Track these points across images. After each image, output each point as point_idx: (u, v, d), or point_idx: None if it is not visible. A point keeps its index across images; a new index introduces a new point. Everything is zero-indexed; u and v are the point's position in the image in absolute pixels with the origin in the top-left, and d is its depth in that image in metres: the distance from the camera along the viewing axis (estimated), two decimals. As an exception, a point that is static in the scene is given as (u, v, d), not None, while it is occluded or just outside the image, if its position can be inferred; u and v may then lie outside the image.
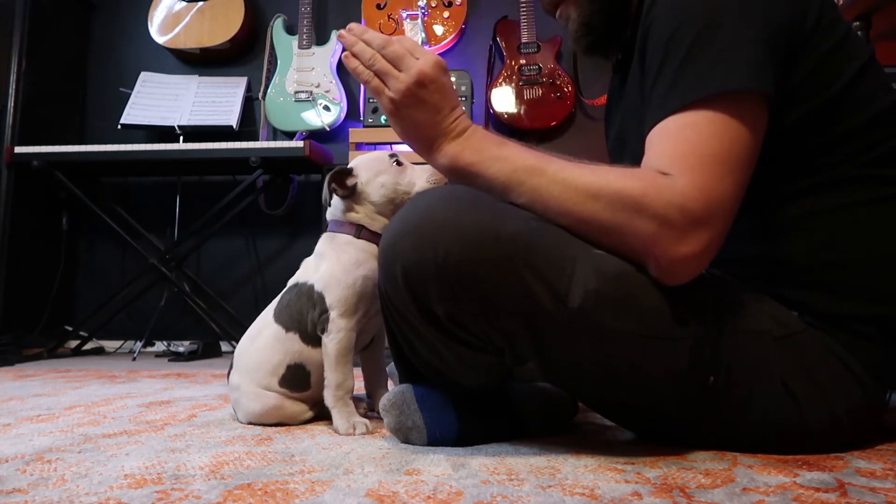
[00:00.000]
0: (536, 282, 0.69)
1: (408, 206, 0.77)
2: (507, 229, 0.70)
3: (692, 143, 0.69)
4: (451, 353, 0.78)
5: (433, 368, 0.83)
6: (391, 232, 0.76)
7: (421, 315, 0.75)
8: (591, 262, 0.70)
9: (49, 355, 2.29)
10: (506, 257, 0.69)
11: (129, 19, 2.83)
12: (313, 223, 2.52)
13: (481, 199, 0.73)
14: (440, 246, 0.70)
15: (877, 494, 0.59)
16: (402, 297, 0.75)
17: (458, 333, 0.75)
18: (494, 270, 0.70)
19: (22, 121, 2.38)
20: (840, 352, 0.74)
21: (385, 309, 0.83)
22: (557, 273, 0.69)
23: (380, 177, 0.96)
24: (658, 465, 0.70)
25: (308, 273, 0.97)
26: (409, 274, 0.73)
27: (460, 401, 0.83)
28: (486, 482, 0.64)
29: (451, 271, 0.70)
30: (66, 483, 0.65)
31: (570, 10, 0.90)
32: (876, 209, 0.75)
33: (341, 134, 2.56)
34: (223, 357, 2.34)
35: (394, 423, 0.82)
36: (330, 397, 0.92)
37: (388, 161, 0.97)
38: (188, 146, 2.30)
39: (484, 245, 0.70)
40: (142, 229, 2.43)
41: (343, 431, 0.90)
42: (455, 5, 2.56)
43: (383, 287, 0.80)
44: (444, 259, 0.70)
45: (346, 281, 0.92)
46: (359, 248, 0.95)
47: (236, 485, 0.64)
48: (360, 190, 0.96)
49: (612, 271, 0.70)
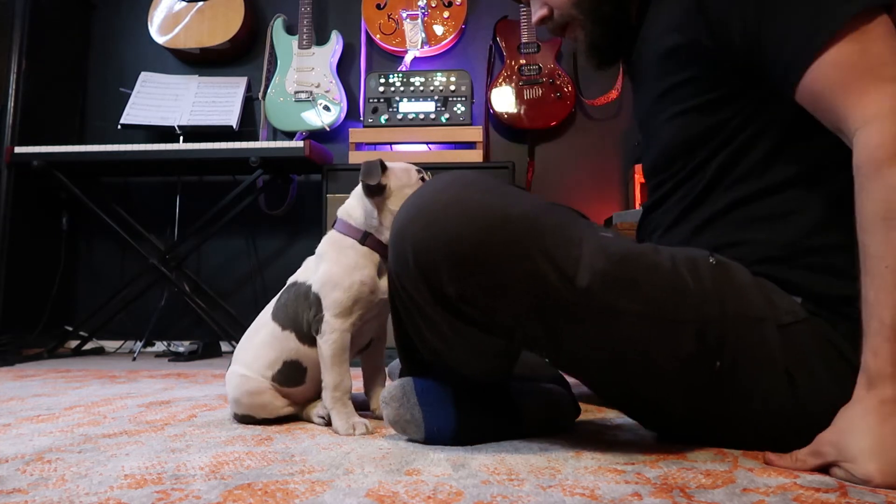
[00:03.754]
0: (545, 261, 0.70)
1: (416, 192, 0.79)
2: (515, 210, 0.72)
3: (876, 55, 0.66)
4: (458, 337, 0.79)
5: (440, 356, 0.83)
6: (401, 216, 0.77)
7: (432, 296, 0.75)
8: (598, 242, 0.72)
9: (49, 355, 2.29)
10: (514, 237, 0.70)
11: (129, 19, 2.83)
12: (313, 223, 2.51)
13: (488, 183, 0.76)
14: (450, 226, 0.71)
15: (877, 495, 0.59)
16: (413, 279, 0.76)
17: (469, 313, 0.75)
18: (504, 250, 0.71)
19: (22, 121, 2.38)
20: (839, 342, 0.74)
21: (394, 295, 0.83)
22: (565, 254, 0.70)
23: (405, 189, 0.95)
24: (658, 465, 0.70)
25: (307, 273, 0.98)
26: (419, 255, 0.74)
27: (461, 397, 0.83)
28: (486, 482, 0.64)
29: (461, 251, 0.71)
30: (66, 483, 0.65)
31: (578, 33, 0.94)
32: None
33: (341, 134, 2.56)
34: (223, 357, 2.33)
35: (392, 415, 0.83)
36: (328, 398, 0.92)
37: (416, 176, 0.98)
38: (188, 146, 2.30)
39: (493, 225, 0.71)
40: (142, 229, 2.42)
41: (343, 432, 0.90)
42: (455, 5, 2.56)
43: (394, 271, 0.80)
44: (454, 239, 0.71)
45: (342, 284, 0.92)
46: (360, 253, 0.95)
47: (236, 485, 0.64)
48: (386, 194, 0.95)
49: (618, 252, 0.72)
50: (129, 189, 2.76)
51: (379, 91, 2.33)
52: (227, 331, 2.32)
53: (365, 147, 2.30)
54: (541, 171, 2.55)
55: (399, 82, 2.33)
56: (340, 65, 2.64)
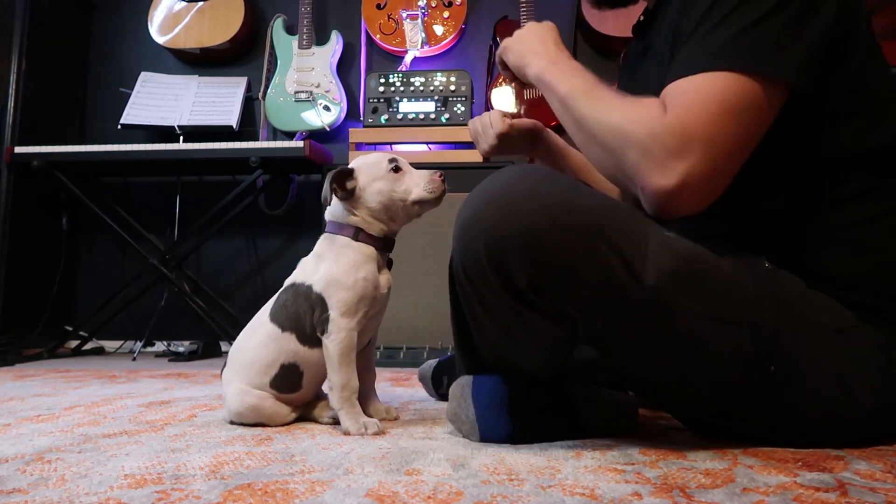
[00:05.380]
0: (613, 256, 0.72)
1: (487, 181, 0.80)
2: (585, 203, 0.74)
3: (701, 92, 0.72)
4: (521, 326, 0.79)
5: (498, 352, 0.83)
6: (472, 205, 0.78)
7: (502, 286, 0.76)
8: (663, 241, 0.74)
9: (49, 355, 2.29)
10: (584, 229, 0.72)
11: (129, 19, 2.83)
12: (313, 223, 2.51)
13: (555, 175, 0.78)
14: (523, 215, 0.73)
15: (877, 494, 0.59)
16: (482, 267, 0.76)
17: (537, 301, 0.76)
18: (575, 241, 0.72)
19: (22, 121, 2.38)
20: (886, 345, 0.76)
21: (457, 286, 0.84)
22: (632, 250, 0.72)
23: (376, 183, 0.95)
24: (658, 465, 0.70)
25: (306, 274, 0.97)
26: (491, 243, 0.75)
27: (517, 397, 0.83)
28: (486, 482, 0.64)
29: (533, 240, 0.72)
30: (66, 483, 0.65)
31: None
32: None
33: (341, 134, 2.56)
34: (223, 357, 2.32)
35: (451, 412, 0.86)
36: (336, 399, 0.92)
37: (385, 167, 0.95)
38: (188, 146, 2.30)
39: (564, 216, 0.72)
40: (142, 229, 2.42)
41: (354, 431, 0.89)
42: (455, 5, 2.56)
43: (460, 261, 0.80)
44: (527, 228, 0.72)
45: (346, 282, 0.92)
46: (357, 250, 0.95)
47: (236, 485, 0.64)
48: (357, 194, 0.96)
49: (683, 251, 0.74)
50: (129, 189, 2.76)
51: (379, 91, 2.33)
52: (227, 331, 2.32)
53: (365, 147, 2.30)
54: (541, 171, 2.54)
55: (399, 82, 2.33)
56: (340, 65, 2.64)
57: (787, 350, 0.74)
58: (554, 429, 0.85)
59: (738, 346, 0.73)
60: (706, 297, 0.73)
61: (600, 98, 0.80)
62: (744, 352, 0.73)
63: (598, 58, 2.58)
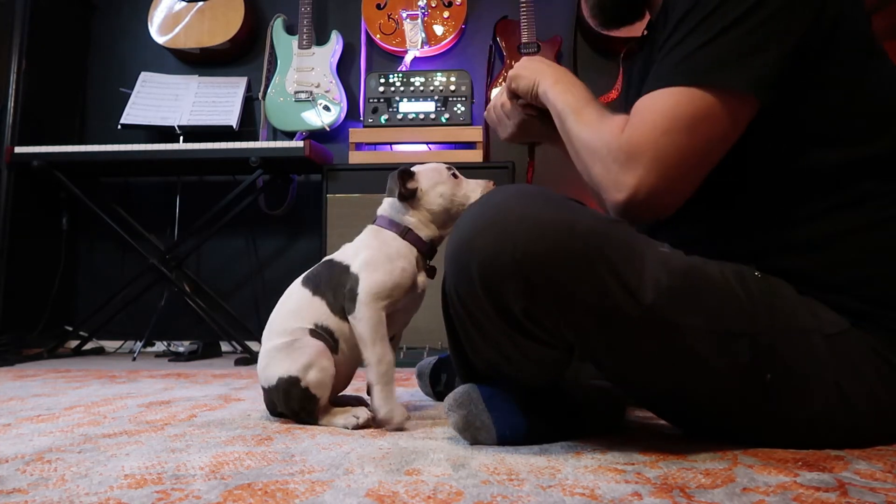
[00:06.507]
0: (610, 277, 0.71)
1: (479, 204, 0.79)
2: (581, 224, 0.72)
3: (654, 109, 0.75)
4: (517, 351, 0.79)
5: (494, 367, 0.83)
6: (465, 228, 0.77)
7: (496, 311, 0.75)
8: (658, 258, 0.73)
9: (49, 355, 2.29)
10: (581, 251, 0.71)
11: (129, 19, 2.83)
12: (313, 223, 2.51)
13: (551, 196, 0.77)
14: (519, 240, 0.71)
15: (877, 494, 0.59)
16: (476, 294, 0.76)
17: (532, 329, 0.76)
18: (571, 265, 0.71)
19: (22, 121, 2.38)
20: (881, 349, 0.76)
21: (451, 308, 0.83)
22: (630, 269, 0.71)
23: (439, 186, 1.00)
24: (658, 465, 0.70)
25: (346, 255, 1.00)
26: (485, 269, 0.74)
27: (525, 399, 0.83)
28: (486, 482, 0.64)
29: (528, 265, 0.71)
30: (66, 483, 0.65)
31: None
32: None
33: (341, 134, 2.56)
34: (223, 357, 2.34)
35: (462, 422, 0.82)
36: (373, 374, 0.93)
37: (446, 173, 1.02)
38: (188, 146, 2.30)
39: (561, 239, 0.71)
40: (142, 229, 2.42)
41: (383, 414, 0.91)
42: (455, 5, 2.56)
43: (453, 285, 0.80)
44: (522, 253, 0.71)
45: (386, 266, 0.95)
46: (401, 244, 0.99)
47: (236, 485, 0.64)
48: (419, 196, 1.00)
49: (679, 267, 0.74)
50: (129, 189, 2.76)
51: (379, 91, 2.33)
52: (227, 331, 2.32)
53: (365, 147, 2.30)
54: (541, 171, 2.53)
55: (399, 82, 2.33)
56: (340, 65, 2.64)
57: (782, 357, 0.74)
58: (563, 426, 0.85)
59: (734, 356, 0.73)
60: (702, 311, 0.73)
61: (583, 115, 0.84)
62: (740, 361, 0.73)
63: (598, 58, 2.58)
